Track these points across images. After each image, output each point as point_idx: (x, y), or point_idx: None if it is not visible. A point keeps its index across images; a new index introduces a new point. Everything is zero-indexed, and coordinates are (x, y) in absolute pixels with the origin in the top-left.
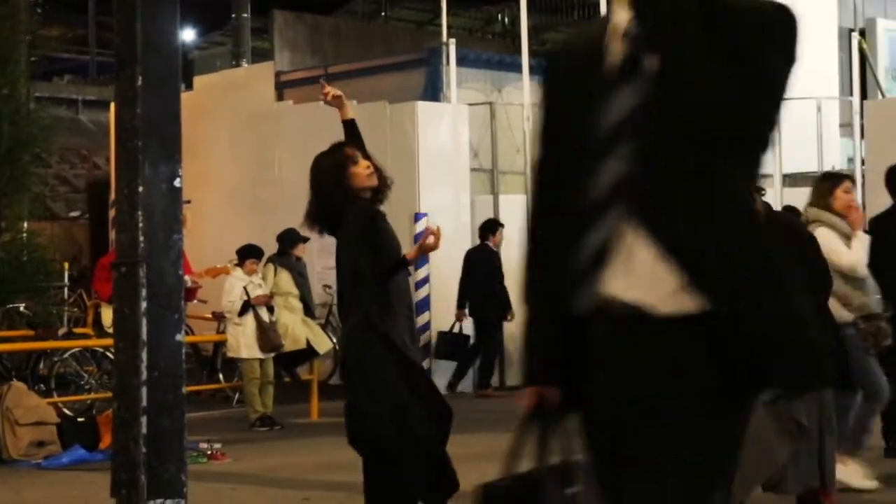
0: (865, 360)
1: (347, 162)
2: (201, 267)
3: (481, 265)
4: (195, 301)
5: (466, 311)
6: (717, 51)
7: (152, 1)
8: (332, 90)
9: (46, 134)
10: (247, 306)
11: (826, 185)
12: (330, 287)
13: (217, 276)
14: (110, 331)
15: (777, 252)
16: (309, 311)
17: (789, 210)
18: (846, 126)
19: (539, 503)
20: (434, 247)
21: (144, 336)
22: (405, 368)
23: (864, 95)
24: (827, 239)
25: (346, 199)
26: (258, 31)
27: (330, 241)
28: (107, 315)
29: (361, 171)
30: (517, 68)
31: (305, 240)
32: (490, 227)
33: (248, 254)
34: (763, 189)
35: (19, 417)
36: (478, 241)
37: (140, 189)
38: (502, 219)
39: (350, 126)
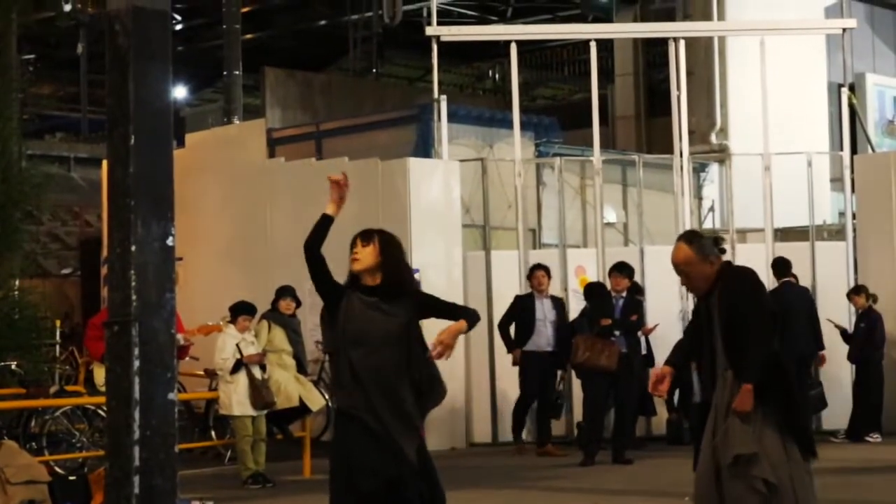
0: None
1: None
2: (193, 324)
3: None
4: (187, 358)
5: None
6: None
7: (144, 60)
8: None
9: (38, 191)
10: (239, 364)
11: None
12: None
13: (209, 333)
14: (103, 389)
15: None
16: (302, 368)
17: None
18: (837, 181)
19: None
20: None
21: (137, 395)
22: (364, 437)
23: (854, 150)
24: None
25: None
26: (249, 88)
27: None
28: (99, 373)
29: (353, 256)
30: (508, 124)
31: (298, 303)
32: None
33: (240, 311)
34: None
35: (10, 476)
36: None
37: (133, 248)
38: (494, 275)
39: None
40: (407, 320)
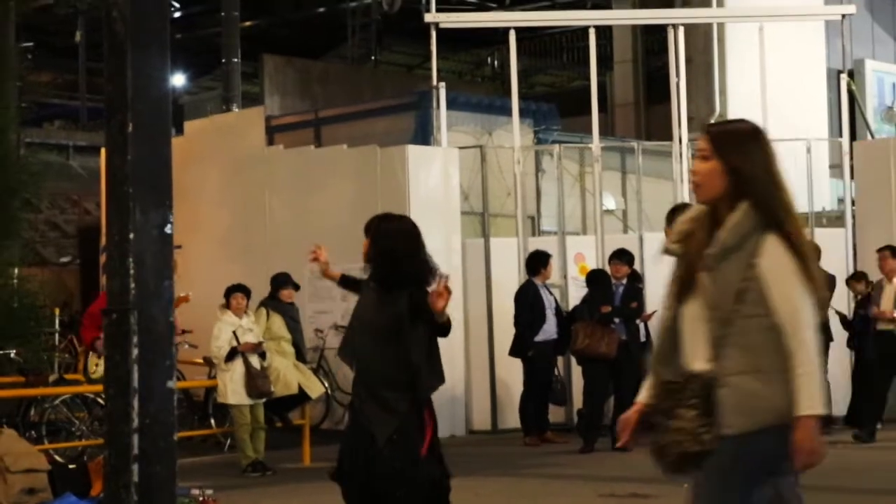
0: None
1: None
2: (193, 312)
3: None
4: (185, 345)
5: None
6: None
7: (142, 47)
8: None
9: (37, 179)
10: (234, 352)
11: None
12: (321, 331)
13: (178, 306)
14: (93, 377)
15: None
16: (301, 355)
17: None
18: (836, 167)
19: None
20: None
21: (135, 383)
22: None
23: (853, 136)
24: None
25: None
26: (248, 76)
27: (321, 286)
28: (90, 362)
29: None
30: (507, 111)
31: (296, 287)
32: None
33: (233, 289)
34: None
35: (10, 464)
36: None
37: (131, 235)
38: (493, 262)
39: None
40: (397, 312)
